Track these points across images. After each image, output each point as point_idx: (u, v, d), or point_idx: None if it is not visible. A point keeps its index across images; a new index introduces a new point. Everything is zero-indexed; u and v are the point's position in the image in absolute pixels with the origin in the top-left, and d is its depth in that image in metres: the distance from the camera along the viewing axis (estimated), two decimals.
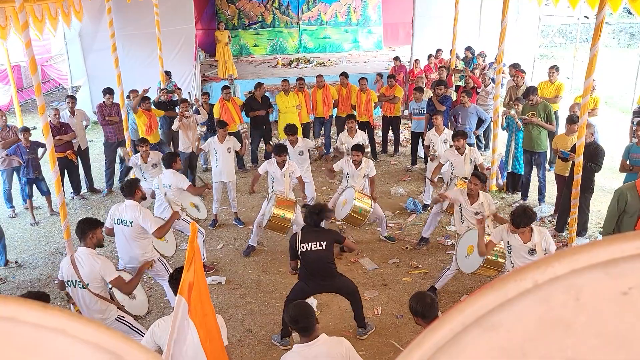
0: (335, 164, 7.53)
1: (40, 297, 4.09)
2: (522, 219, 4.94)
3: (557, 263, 0.52)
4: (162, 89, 10.19)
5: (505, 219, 5.85)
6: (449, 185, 7.21)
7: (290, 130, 7.86)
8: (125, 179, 6.23)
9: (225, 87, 10.12)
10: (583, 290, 0.52)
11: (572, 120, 7.47)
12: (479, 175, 6.07)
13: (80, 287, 4.52)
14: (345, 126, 8.65)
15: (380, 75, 12.88)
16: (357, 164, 7.19)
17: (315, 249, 5.10)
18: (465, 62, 12.64)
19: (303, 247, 5.10)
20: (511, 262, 5.26)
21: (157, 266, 5.67)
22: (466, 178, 6.90)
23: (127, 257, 5.58)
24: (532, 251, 5.05)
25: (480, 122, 9.42)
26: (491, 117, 9.38)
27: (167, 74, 10.85)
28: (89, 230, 4.62)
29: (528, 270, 0.53)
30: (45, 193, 8.57)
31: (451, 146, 7.60)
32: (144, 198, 5.67)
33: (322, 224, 5.51)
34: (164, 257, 6.07)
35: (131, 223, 5.41)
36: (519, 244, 5.08)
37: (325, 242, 5.11)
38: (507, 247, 5.22)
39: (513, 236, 5.10)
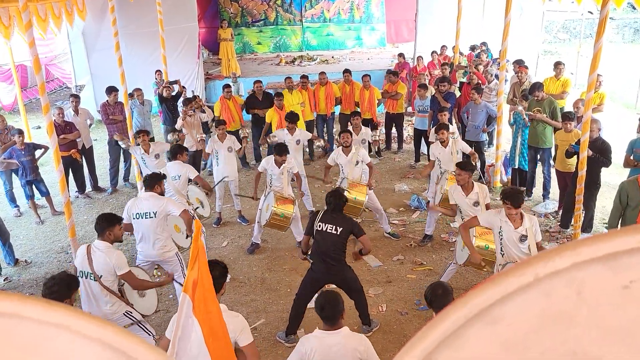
0: (329, 158, 7.56)
1: (71, 279, 4.11)
2: (518, 197, 4.98)
3: (558, 257, 0.52)
4: (165, 84, 10.21)
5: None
6: (440, 180, 7.18)
7: (291, 118, 7.98)
8: (153, 172, 6.23)
9: (226, 86, 10.12)
10: (584, 284, 0.52)
11: (567, 117, 7.45)
12: (460, 165, 6.06)
13: (92, 279, 4.55)
14: (350, 122, 8.68)
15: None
16: (347, 146, 7.22)
17: (330, 231, 5.19)
18: (478, 56, 12.61)
19: (319, 226, 5.23)
20: (501, 252, 5.19)
21: (174, 261, 5.70)
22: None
23: (147, 252, 5.60)
24: (522, 238, 5.02)
25: (491, 119, 9.40)
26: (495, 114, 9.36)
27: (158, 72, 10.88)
28: (107, 228, 4.66)
29: (529, 263, 0.53)
30: (45, 194, 8.58)
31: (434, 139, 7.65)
32: (162, 194, 5.71)
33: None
34: (181, 248, 6.10)
35: (155, 214, 5.42)
36: (511, 230, 5.05)
37: (341, 229, 5.19)
38: (499, 234, 5.16)
39: (506, 222, 5.07)
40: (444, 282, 4.96)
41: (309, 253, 5.47)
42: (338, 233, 5.18)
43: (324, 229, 5.21)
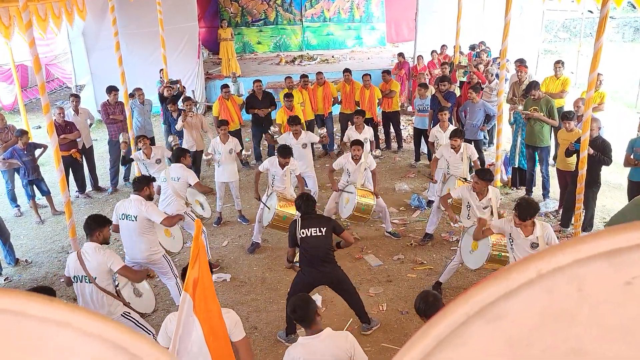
0: (335, 162, 7.51)
1: (47, 292, 4.13)
2: (528, 211, 4.94)
3: (560, 253, 0.52)
4: (166, 84, 10.21)
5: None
6: (446, 182, 7.17)
7: (294, 121, 7.97)
8: (141, 175, 6.23)
9: (224, 86, 10.08)
10: (586, 281, 0.52)
11: (566, 117, 7.45)
12: (480, 173, 6.02)
13: (87, 282, 4.56)
14: (352, 122, 8.69)
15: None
16: (357, 159, 7.19)
17: (315, 234, 5.14)
18: (478, 55, 12.59)
19: (303, 233, 5.14)
20: (514, 259, 5.22)
21: (162, 263, 5.69)
22: (465, 179, 6.87)
23: (132, 253, 5.61)
24: (534, 245, 5.03)
25: (488, 118, 9.39)
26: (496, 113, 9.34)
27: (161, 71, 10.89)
28: (97, 229, 4.67)
29: (531, 260, 0.53)
30: (46, 193, 8.58)
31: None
32: (150, 198, 5.68)
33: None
34: (170, 253, 6.09)
35: (135, 217, 5.44)
36: (521, 238, 5.07)
37: (324, 229, 5.16)
38: (509, 240, 5.19)
39: (516, 230, 5.08)
40: (430, 290, 4.97)
41: (296, 261, 5.45)
42: (324, 234, 5.16)
43: (309, 234, 5.14)
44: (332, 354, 3.55)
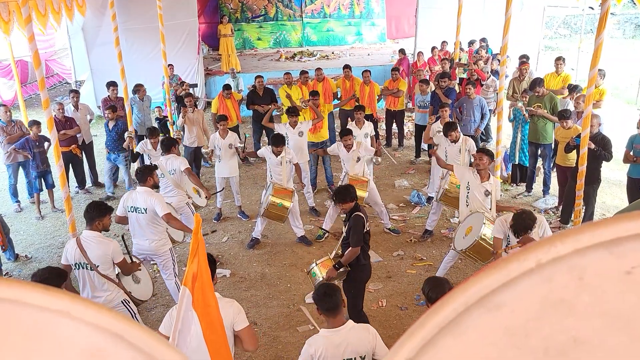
0: (329, 148, 7.77)
1: (60, 274, 4.17)
2: (520, 229, 4.81)
3: (560, 243, 0.52)
4: (185, 86, 10.22)
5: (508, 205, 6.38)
6: (444, 177, 7.15)
7: (293, 111, 8.06)
8: (142, 166, 6.21)
9: (226, 87, 10.01)
10: (586, 270, 0.52)
11: (562, 116, 7.46)
12: (484, 150, 6.08)
13: (89, 269, 4.59)
14: (352, 118, 8.72)
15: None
16: (349, 148, 7.32)
17: (369, 228, 5.35)
18: (477, 52, 12.56)
19: (368, 226, 5.29)
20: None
21: (167, 256, 5.71)
22: None
23: (140, 244, 5.63)
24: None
25: (482, 116, 9.37)
26: (491, 110, 9.33)
27: (170, 67, 10.85)
28: (97, 217, 4.70)
29: (531, 250, 0.53)
30: (51, 186, 8.60)
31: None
32: (156, 186, 5.71)
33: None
34: (175, 241, 6.10)
35: (145, 210, 5.45)
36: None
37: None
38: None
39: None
40: (440, 277, 4.94)
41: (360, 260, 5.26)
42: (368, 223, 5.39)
43: (368, 227, 5.28)
44: (355, 346, 3.50)
